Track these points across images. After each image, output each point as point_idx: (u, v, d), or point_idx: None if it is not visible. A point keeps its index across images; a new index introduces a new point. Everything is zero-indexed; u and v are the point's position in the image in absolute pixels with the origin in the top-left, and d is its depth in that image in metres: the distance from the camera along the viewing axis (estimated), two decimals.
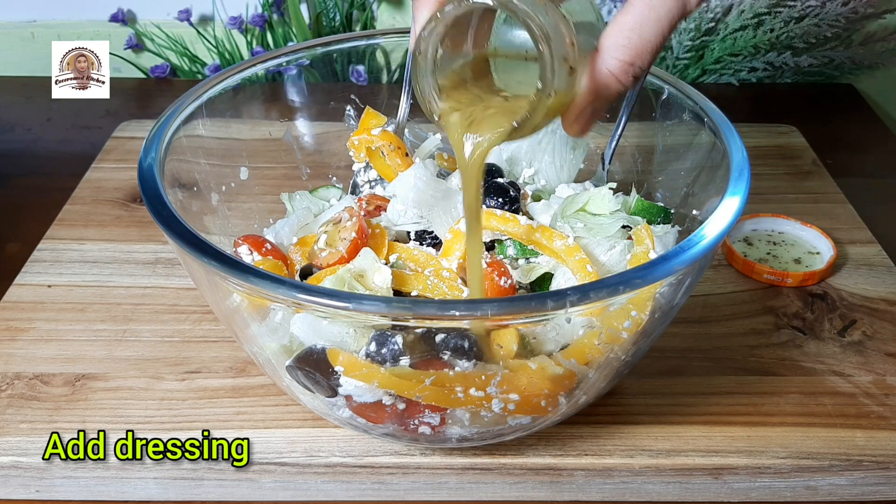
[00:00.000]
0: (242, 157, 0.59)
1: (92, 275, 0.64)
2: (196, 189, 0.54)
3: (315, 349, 0.43)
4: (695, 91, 0.55)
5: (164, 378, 0.55)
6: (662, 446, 0.51)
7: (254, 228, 0.58)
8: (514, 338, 0.42)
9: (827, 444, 0.52)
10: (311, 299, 0.37)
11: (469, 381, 0.42)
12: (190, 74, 1.02)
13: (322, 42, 0.62)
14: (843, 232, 0.70)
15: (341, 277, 0.45)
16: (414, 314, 0.38)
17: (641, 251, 0.48)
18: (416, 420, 0.45)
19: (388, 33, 0.67)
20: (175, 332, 0.59)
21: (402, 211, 0.53)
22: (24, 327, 0.59)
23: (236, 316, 0.46)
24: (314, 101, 0.64)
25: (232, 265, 0.39)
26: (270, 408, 0.53)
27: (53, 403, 0.53)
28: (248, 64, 0.58)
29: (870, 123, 0.93)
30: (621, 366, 0.47)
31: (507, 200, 0.53)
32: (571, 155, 0.59)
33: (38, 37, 1.00)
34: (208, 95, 0.54)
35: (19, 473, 0.50)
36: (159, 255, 0.66)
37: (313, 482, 0.51)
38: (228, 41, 1.00)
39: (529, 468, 0.51)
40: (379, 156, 0.58)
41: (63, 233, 0.69)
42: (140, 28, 1.00)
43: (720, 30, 0.96)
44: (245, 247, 0.51)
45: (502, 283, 0.47)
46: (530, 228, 0.49)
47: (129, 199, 0.73)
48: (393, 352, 0.41)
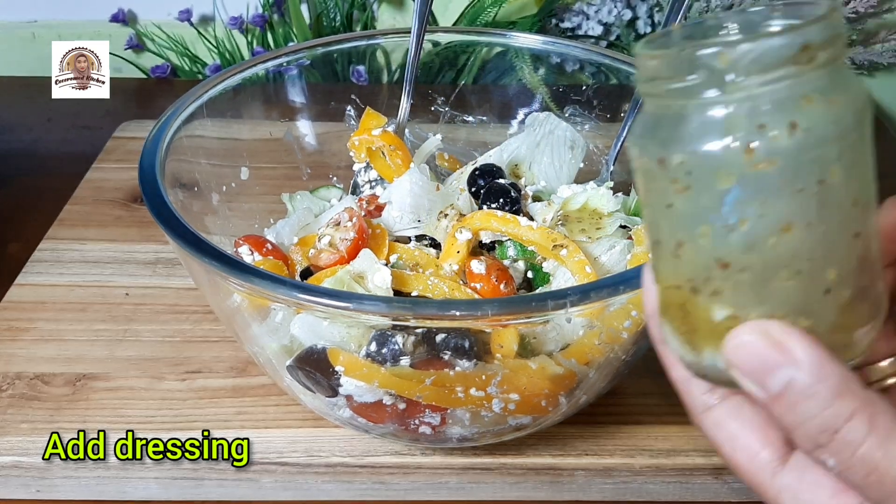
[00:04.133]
0: (243, 158, 0.59)
1: (93, 275, 0.65)
2: (196, 189, 0.54)
3: (315, 349, 0.43)
4: None
5: (165, 378, 0.55)
6: (663, 446, 0.51)
7: (254, 228, 0.58)
8: (514, 338, 0.42)
9: None
10: (311, 299, 0.37)
11: (469, 381, 0.42)
12: (190, 74, 1.02)
13: (322, 42, 0.62)
14: None
15: (340, 279, 0.45)
16: (414, 314, 0.38)
17: (642, 251, 0.48)
18: (417, 420, 0.45)
19: (388, 33, 0.67)
20: (175, 332, 0.59)
21: (398, 217, 0.53)
22: (24, 327, 0.59)
23: (237, 316, 0.46)
24: (315, 101, 0.64)
25: (232, 265, 0.39)
26: (271, 408, 0.53)
27: (54, 403, 0.53)
28: (249, 64, 0.58)
29: None
30: (621, 366, 0.47)
31: (508, 201, 0.53)
32: (570, 154, 0.59)
33: (39, 37, 1.00)
34: (209, 95, 0.54)
35: (19, 473, 0.50)
36: (159, 255, 0.66)
37: (314, 482, 0.51)
38: (229, 41, 1.00)
39: (530, 468, 0.51)
40: (379, 156, 0.58)
41: (64, 233, 0.69)
42: (140, 28, 1.00)
43: None
44: (246, 247, 0.51)
45: (502, 288, 0.47)
46: (530, 229, 0.49)
47: (129, 199, 0.73)
48: (393, 352, 0.41)
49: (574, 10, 0.98)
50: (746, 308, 0.28)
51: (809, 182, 0.26)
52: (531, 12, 0.95)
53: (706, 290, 0.28)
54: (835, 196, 0.27)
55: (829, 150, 0.26)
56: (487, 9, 0.94)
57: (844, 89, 0.26)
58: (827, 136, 0.26)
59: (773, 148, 0.26)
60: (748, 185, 0.26)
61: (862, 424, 0.26)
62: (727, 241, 0.27)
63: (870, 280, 0.28)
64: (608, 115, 0.64)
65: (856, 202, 0.27)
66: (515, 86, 0.69)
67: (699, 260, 0.28)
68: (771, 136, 0.25)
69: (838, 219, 0.27)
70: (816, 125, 0.26)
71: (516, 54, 0.69)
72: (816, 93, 0.26)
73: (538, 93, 0.67)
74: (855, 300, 0.28)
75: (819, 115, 0.26)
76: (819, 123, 0.26)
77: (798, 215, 0.26)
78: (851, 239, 0.27)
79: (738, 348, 0.27)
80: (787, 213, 0.26)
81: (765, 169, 0.26)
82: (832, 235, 0.27)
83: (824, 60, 0.26)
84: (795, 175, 0.26)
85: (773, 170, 0.26)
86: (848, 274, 0.28)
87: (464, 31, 0.86)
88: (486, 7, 0.94)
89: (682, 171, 0.27)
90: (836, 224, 0.27)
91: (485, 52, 0.89)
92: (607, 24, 0.99)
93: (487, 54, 0.89)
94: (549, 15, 0.97)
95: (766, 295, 0.27)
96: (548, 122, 0.60)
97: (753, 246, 0.27)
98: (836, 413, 0.26)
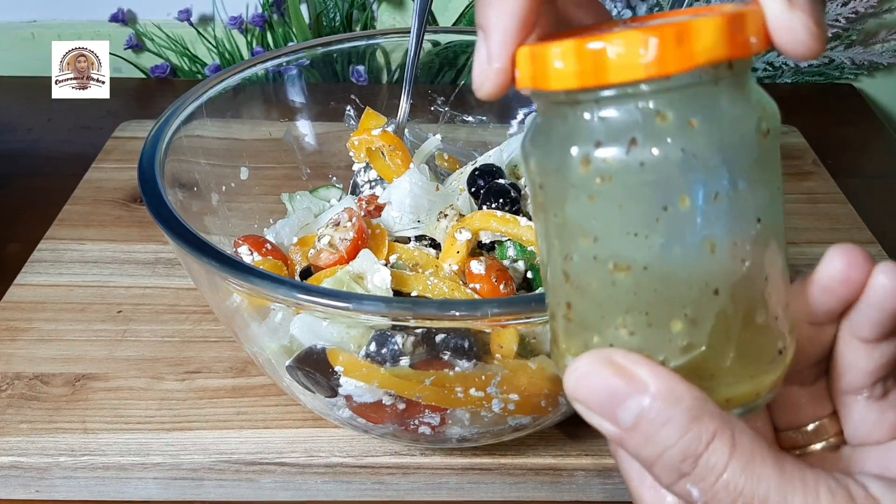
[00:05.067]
0: (243, 158, 0.59)
1: (92, 275, 0.64)
2: (196, 189, 0.54)
3: (315, 349, 0.43)
4: None
5: (165, 378, 0.55)
6: None
7: (254, 228, 0.58)
8: (514, 338, 0.42)
9: None
10: (311, 299, 0.37)
11: (469, 382, 0.42)
12: (190, 74, 1.02)
13: (322, 42, 0.62)
14: (843, 232, 0.70)
15: (340, 279, 0.45)
16: (414, 314, 0.38)
17: None
18: (417, 420, 0.45)
19: (388, 33, 0.67)
20: (175, 332, 0.59)
21: (398, 217, 0.53)
22: (24, 327, 0.59)
23: (236, 316, 0.46)
24: (314, 101, 0.63)
25: (232, 265, 0.39)
26: (270, 408, 0.53)
27: (53, 404, 0.53)
28: (249, 64, 0.58)
29: (870, 123, 0.93)
30: None
31: (508, 201, 0.53)
32: None
33: (38, 37, 1.00)
34: (208, 95, 0.54)
35: (19, 473, 0.50)
36: (159, 255, 0.66)
37: (313, 482, 0.51)
38: (228, 41, 1.00)
39: (529, 468, 0.51)
40: (379, 156, 0.58)
41: (63, 233, 0.69)
42: (140, 28, 1.00)
43: None
44: (245, 247, 0.51)
45: (502, 289, 0.47)
46: (530, 230, 0.49)
47: (129, 199, 0.73)
48: (393, 352, 0.41)
49: None
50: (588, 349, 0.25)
51: (650, 210, 0.23)
52: None
53: (558, 319, 0.26)
54: (684, 234, 0.23)
55: (679, 174, 0.22)
56: None
57: (714, 112, 0.23)
58: (675, 159, 0.22)
59: (607, 164, 0.23)
60: (582, 206, 0.23)
61: (724, 446, 0.24)
62: (561, 276, 0.25)
63: (752, 334, 0.25)
64: None
65: (715, 247, 0.23)
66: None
67: (550, 290, 0.26)
68: (606, 151, 0.23)
69: (688, 265, 0.23)
70: (664, 145, 0.22)
71: None
72: (671, 111, 0.22)
73: None
74: (718, 354, 0.24)
75: (671, 133, 0.22)
76: (669, 143, 0.22)
77: (635, 254, 0.23)
78: (708, 294, 0.24)
79: (580, 381, 0.25)
80: (620, 248, 0.23)
81: (600, 186, 0.23)
82: (677, 286, 0.24)
83: (691, 81, 0.22)
84: (630, 196, 0.23)
85: (608, 188, 0.23)
86: (700, 331, 0.24)
87: (464, 31, 0.86)
88: None
89: (537, 181, 0.25)
90: (683, 271, 0.23)
91: None
92: None
93: None
94: None
95: (608, 338, 0.25)
96: None
97: (581, 285, 0.24)
98: (696, 436, 0.24)
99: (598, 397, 0.25)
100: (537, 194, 0.25)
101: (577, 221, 0.24)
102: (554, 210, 0.25)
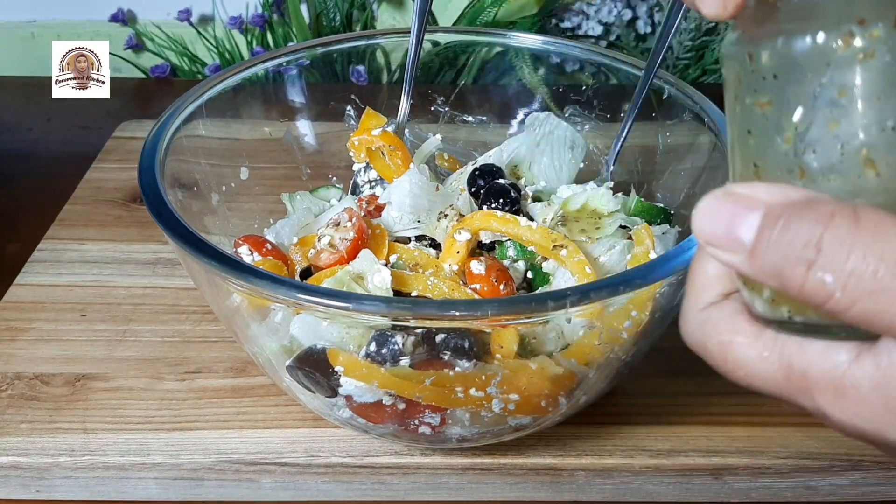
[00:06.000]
0: (243, 158, 0.59)
1: (92, 275, 0.64)
2: (196, 189, 0.54)
3: (315, 349, 0.43)
4: (695, 91, 0.55)
5: (165, 378, 0.55)
6: (663, 446, 0.51)
7: (254, 228, 0.58)
8: (514, 338, 0.42)
9: (827, 444, 0.52)
10: (311, 299, 0.37)
11: (469, 382, 0.42)
12: (190, 74, 1.02)
13: (322, 42, 0.62)
14: None
15: (340, 279, 0.45)
16: (414, 314, 0.38)
17: (641, 251, 0.48)
18: (417, 420, 0.45)
19: (388, 33, 0.67)
20: (175, 332, 0.59)
21: (398, 217, 0.53)
22: (24, 327, 0.59)
23: (236, 316, 0.46)
24: (314, 101, 0.63)
25: (232, 265, 0.39)
26: (270, 408, 0.53)
27: (53, 404, 0.53)
28: (248, 64, 0.58)
29: None
30: (621, 366, 0.47)
31: (508, 201, 0.53)
32: (570, 154, 0.59)
33: (38, 37, 1.00)
34: (208, 95, 0.54)
35: (19, 473, 0.50)
36: (159, 255, 0.66)
37: (313, 482, 0.51)
38: (228, 41, 1.00)
39: (530, 468, 0.51)
40: (379, 156, 0.58)
41: (63, 233, 0.69)
42: (140, 28, 1.00)
43: (720, 30, 0.96)
44: (245, 247, 0.51)
45: (502, 289, 0.47)
46: (530, 230, 0.49)
47: (129, 199, 0.73)
48: (393, 352, 0.41)
49: (574, 10, 0.98)
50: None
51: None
52: (531, 12, 0.95)
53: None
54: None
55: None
56: (487, 9, 0.94)
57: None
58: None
59: (872, 41, 0.23)
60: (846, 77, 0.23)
61: (846, 221, 0.22)
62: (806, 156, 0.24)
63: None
64: (608, 115, 0.64)
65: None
66: (515, 86, 0.69)
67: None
68: (871, 30, 0.23)
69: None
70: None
71: (516, 54, 0.69)
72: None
73: (538, 93, 0.67)
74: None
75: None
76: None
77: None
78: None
79: (703, 216, 0.25)
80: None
81: (866, 61, 0.23)
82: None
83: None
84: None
85: (873, 63, 0.23)
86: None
87: (464, 31, 0.86)
88: (486, 7, 0.94)
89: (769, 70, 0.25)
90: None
91: (485, 52, 0.88)
92: (607, 24, 0.99)
93: (487, 54, 0.89)
94: (549, 15, 0.97)
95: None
96: (548, 122, 0.60)
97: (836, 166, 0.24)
98: (815, 219, 0.23)
99: (721, 227, 0.24)
100: (764, 88, 0.25)
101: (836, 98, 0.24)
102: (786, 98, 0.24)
